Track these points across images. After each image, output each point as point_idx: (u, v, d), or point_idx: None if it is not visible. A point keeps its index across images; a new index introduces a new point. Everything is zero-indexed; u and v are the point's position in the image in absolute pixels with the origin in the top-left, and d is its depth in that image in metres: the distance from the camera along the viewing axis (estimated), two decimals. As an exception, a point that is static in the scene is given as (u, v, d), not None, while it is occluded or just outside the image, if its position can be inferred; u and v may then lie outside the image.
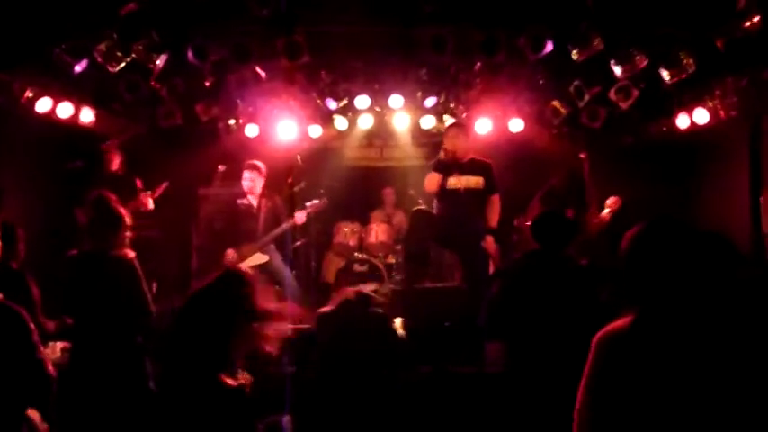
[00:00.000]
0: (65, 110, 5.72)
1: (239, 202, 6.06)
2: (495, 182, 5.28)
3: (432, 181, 5.25)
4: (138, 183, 5.96)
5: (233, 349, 3.37)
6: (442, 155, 5.19)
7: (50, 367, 2.28)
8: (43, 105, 5.56)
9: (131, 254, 3.70)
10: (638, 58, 4.84)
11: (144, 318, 3.66)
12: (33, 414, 2.43)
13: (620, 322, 1.69)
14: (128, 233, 3.78)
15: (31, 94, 5.47)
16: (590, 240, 5.43)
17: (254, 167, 6.04)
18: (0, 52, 4.89)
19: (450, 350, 4.60)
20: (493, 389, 4.05)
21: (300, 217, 5.99)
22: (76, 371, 3.61)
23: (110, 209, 3.78)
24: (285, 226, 5.99)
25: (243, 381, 3.45)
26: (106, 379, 3.54)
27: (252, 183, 6.02)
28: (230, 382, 3.35)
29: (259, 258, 5.89)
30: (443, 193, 5.24)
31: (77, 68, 4.99)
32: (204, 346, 3.26)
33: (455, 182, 5.15)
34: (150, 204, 5.95)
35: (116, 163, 6.10)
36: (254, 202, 6.07)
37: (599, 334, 1.71)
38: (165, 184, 6.05)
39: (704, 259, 1.73)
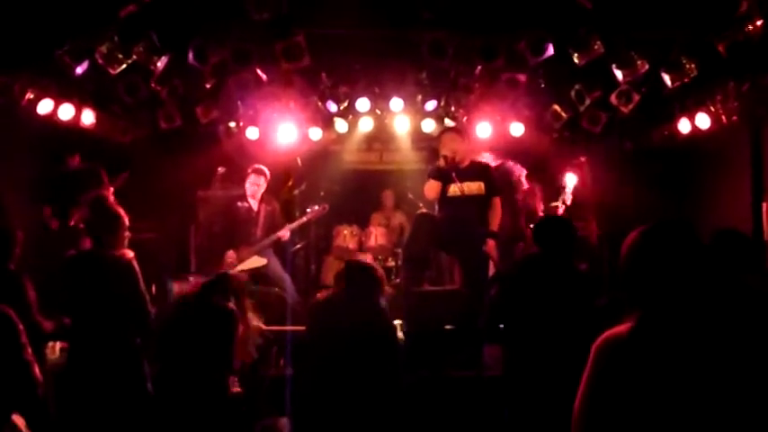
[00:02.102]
0: (66, 111, 5.72)
1: (239, 204, 6.07)
2: (495, 185, 5.24)
3: (431, 189, 5.21)
4: (104, 175, 5.89)
5: (236, 352, 3.37)
6: (441, 162, 5.16)
7: (37, 370, 2.21)
8: (45, 107, 5.56)
9: (130, 254, 3.68)
10: (639, 62, 4.83)
11: (142, 319, 3.64)
12: (18, 420, 2.37)
13: (620, 328, 1.65)
14: (126, 234, 3.76)
15: (32, 96, 5.47)
16: (587, 244, 5.43)
17: (262, 173, 6.05)
18: (1, 54, 4.89)
19: (449, 354, 4.58)
20: (491, 393, 4.03)
21: (285, 233, 6.01)
22: (74, 372, 3.59)
23: (108, 209, 3.77)
24: (274, 237, 6.00)
25: (239, 388, 3.47)
26: (104, 380, 3.51)
27: (257, 187, 6.04)
28: (234, 388, 3.37)
29: (257, 261, 5.89)
30: (444, 200, 5.21)
31: (78, 70, 5.00)
32: (212, 349, 3.27)
33: (455, 189, 5.12)
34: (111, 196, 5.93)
35: (75, 162, 6.09)
36: (255, 206, 6.07)
37: (598, 340, 1.68)
38: (125, 174, 5.96)
39: (707, 264, 1.68)
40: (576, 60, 4.87)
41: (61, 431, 3.48)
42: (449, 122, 6.56)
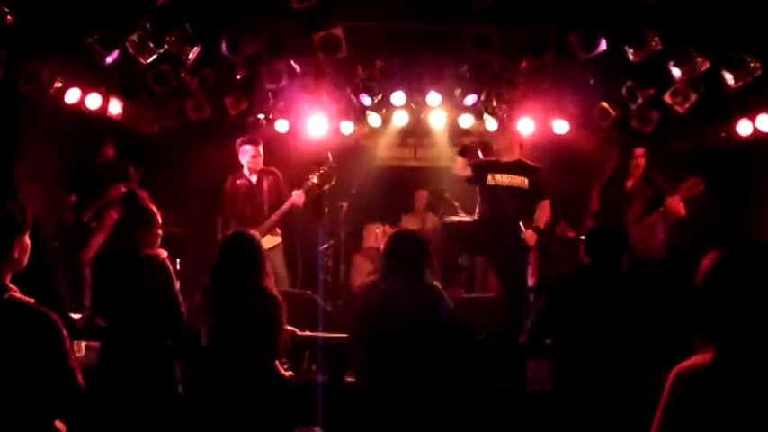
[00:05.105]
0: (93, 101, 5.62)
1: (238, 182, 5.60)
2: (544, 186, 5.13)
3: (457, 164, 5.33)
4: (132, 171, 5.79)
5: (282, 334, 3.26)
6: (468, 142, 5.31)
7: (80, 376, 2.14)
8: (72, 96, 5.48)
9: (164, 254, 3.57)
10: (699, 59, 4.54)
11: (174, 320, 3.52)
12: (60, 425, 2.30)
13: (700, 358, 1.59)
14: (159, 232, 3.63)
15: (59, 84, 5.36)
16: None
17: (255, 141, 5.59)
18: (32, 41, 4.77)
19: (488, 365, 4.39)
20: (537, 407, 3.83)
21: (298, 196, 5.47)
22: (105, 372, 3.48)
23: (141, 206, 3.66)
24: (286, 206, 5.50)
25: (291, 374, 3.41)
26: (135, 381, 3.42)
27: (253, 159, 5.54)
28: (284, 372, 3.30)
29: (271, 241, 5.42)
30: (483, 190, 5.14)
31: (108, 59, 4.87)
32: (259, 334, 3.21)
33: (498, 179, 5.03)
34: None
35: (110, 152, 6.06)
36: (254, 180, 5.61)
37: (676, 369, 1.62)
38: (140, 171, 5.86)
39: None
40: (630, 57, 4.60)
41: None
42: (488, 118, 6.32)
